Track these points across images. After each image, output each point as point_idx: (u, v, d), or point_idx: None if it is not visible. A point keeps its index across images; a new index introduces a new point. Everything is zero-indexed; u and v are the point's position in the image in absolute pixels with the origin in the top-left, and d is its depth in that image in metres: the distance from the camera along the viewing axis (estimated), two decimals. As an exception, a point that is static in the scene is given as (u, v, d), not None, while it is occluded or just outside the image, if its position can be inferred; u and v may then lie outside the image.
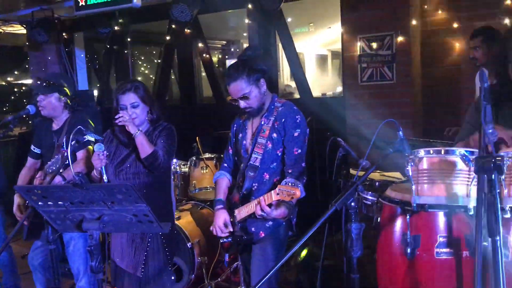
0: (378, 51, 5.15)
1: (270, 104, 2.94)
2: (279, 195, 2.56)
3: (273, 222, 2.89)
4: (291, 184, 2.56)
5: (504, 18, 4.69)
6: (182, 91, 7.46)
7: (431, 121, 5.32)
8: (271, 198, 2.62)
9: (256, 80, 2.82)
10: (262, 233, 2.91)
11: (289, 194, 2.53)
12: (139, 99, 3.05)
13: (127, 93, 3.04)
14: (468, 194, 1.92)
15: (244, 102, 2.86)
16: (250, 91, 2.82)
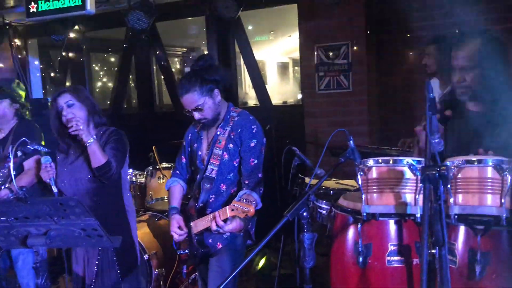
0: (335, 60, 5.22)
1: (226, 114, 2.90)
2: (234, 211, 2.55)
3: (230, 233, 2.85)
4: (245, 201, 2.55)
5: (457, 28, 4.84)
6: (140, 98, 7.34)
7: (387, 129, 5.42)
8: (225, 214, 2.60)
9: (209, 90, 2.77)
10: (219, 244, 2.88)
11: (243, 211, 2.52)
12: (74, 98, 2.92)
13: (63, 95, 2.92)
14: (415, 203, 1.95)
15: (198, 113, 2.80)
16: (204, 102, 2.77)
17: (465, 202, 1.87)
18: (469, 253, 1.98)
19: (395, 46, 5.31)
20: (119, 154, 2.95)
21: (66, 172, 2.98)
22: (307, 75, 5.49)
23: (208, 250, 2.90)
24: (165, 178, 4.57)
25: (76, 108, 2.91)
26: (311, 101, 5.48)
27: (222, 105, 2.90)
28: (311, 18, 5.29)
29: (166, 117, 6.97)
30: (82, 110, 2.93)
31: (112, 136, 2.99)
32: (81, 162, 2.95)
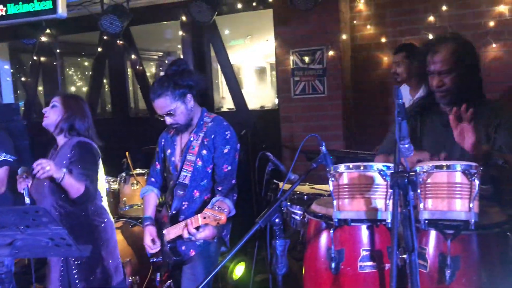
0: (310, 65, 5.24)
1: (199, 120, 2.87)
2: (206, 219, 2.53)
3: (204, 240, 2.83)
4: (217, 209, 2.54)
5: (428, 34, 4.91)
6: (114, 103, 7.25)
7: (362, 133, 5.46)
8: (197, 221, 2.58)
9: (181, 95, 2.75)
10: (192, 252, 2.85)
11: (215, 219, 2.51)
12: (60, 101, 3.04)
13: (55, 96, 3.09)
14: (386, 208, 1.95)
15: (170, 118, 2.78)
16: (176, 107, 2.75)
17: (435, 207, 1.88)
18: (439, 257, 1.99)
19: (369, 50, 5.36)
20: (90, 173, 2.90)
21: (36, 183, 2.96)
22: (282, 80, 5.50)
23: (181, 257, 2.87)
24: (139, 185, 4.51)
25: (54, 110, 3.01)
26: (287, 106, 5.48)
27: (195, 111, 2.87)
28: (287, 23, 5.30)
29: (141, 123, 6.90)
30: (59, 115, 3.01)
31: (76, 154, 2.91)
32: None
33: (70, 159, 2.90)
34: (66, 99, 3.08)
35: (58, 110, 3.02)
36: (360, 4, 5.28)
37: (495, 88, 4.59)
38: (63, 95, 3.12)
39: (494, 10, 4.72)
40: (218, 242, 2.91)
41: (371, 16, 5.30)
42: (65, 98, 3.09)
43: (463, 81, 2.37)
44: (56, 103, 3.04)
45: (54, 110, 3.02)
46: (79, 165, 2.87)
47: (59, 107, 3.03)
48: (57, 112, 3.02)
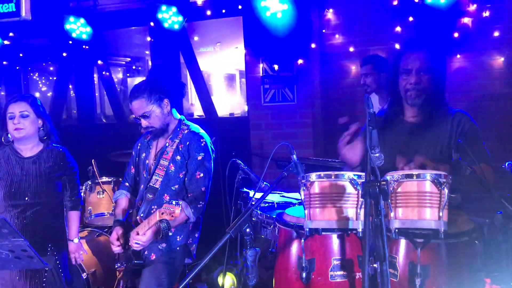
0: (280, 73, 5.25)
1: (176, 126, 2.92)
2: (163, 214, 2.51)
3: (167, 245, 2.82)
4: (174, 203, 2.52)
5: (395, 43, 4.99)
6: (79, 109, 7.08)
7: (331, 142, 5.48)
8: (155, 217, 2.56)
9: (158, 99, 2.81)
10: (153, 255, 2.83)
11: (170, 213, 2.50)
12: (31, 109, 2.94)
13: (19, 102, 2.94)
14: (357, 217, 1.95)
15: (146, 120, 2.84)
16: (151, 110, 2.80)
17: (405, 216, 1.89)
18: (409, 266, 2.00)
19: (338, 59, 5.41)
20: (78, 182, 3.19)
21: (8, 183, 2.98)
22: (252, 87, 5.49)
23: (142, 262, 2.86)
24: (105, 193, 4.40)
25: (29, 120, 2.94)
26: (256, 113, 5.47)
27: (173, 117, 2.92)
28: (257, 31, 5.29)
29: (108, 129, 6.76)
30: (35, 124, 2.98)
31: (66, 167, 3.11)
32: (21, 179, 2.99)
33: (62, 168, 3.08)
34: (35, 105, 3.00)
35: (31, 119, 2.95)
36: (329, 13, 5.32)
37: (458, 97, 4.71)
38: (29, 99, 3.00)
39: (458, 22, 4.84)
40: (182, 251, 2.88)
41: (339, 25, 5.35)
42: (33, 103, 2.99)
43: (436, 83, 2.39)
44: (26, 110, 2.94)
45: (27, 120, 2.94)
46: (74, 175, 3.14)
47: (31, 116, 2.95)
48: (31, 121, 2.95)
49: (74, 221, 3.17)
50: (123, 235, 2.87)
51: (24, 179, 2.98)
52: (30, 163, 3.01)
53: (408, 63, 2.39)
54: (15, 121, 2.88)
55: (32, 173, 2.99)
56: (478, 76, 4.90)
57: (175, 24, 5.10)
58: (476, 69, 4.89)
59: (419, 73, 2.37)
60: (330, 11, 5.31)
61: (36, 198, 2.98)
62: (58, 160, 3.06)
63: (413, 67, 2.38)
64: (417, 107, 2.43)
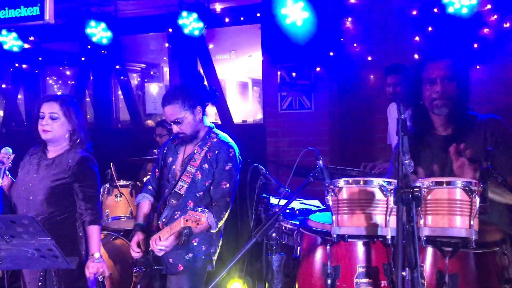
0: (297, 81, 5.26)
1: (206, 134, 2.90)
2: (188, 222, 2.50)
3: (193, 255, 2.82)
4: (200, 210, 2.50)
5: (413, 53, 4.99)
6: (97, 114, 7.14)
7: (347, 150, 5.48)
8: (179, 224, 2.55)
9: (191, 106, 2.80)
10: (180, 266, 2.82)
11: (195, 220, 2.48)
12: (62, 111, 2.79)
13: (51, 102, 2.81)
14: (386, 224, 1.93)
15: (177, 126, 2.82)
16: (184, 116, 2.79)
17: (435, 224, 1.87)
18: (437, 275, 1.98)
19: (356, 68, 5.41)
20: (95, 193, 2.89)
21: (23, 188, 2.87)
22: (269, 95, 5.50)
23: (162, 268, 2.85)
24: (122, 196, 4.42)
25: (58, 123, 2.80)
26: (273, 120, 5.48)
27: (203, 125, 2.91)
28: (275, 39, 5.31)
29: (124, 134, 6.81)
30: (64, 128, 2.82)
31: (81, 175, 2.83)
32: (37, 181, 2.84)
33: (74, 175, 2.82)
34: (67, 107, 2.82)
35: (60, 122, 2.80)
36: (348, 22, 5.33)
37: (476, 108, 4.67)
38: (60, 101, 2.83)
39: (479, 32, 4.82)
40: (205, 260, 2.88)
41: (358, 34, 5.35)
42: (64, 105, 2.81)
43: (460, 92, 2.37)
44: (56, 112, 2.79)
45: (56, 122, 2.79)
46: (89, 186, 2.84)
47: (61, 118, 2.80)
48: (60, 124, 2.80)
49: (94, 236, 2.84)
50: (144, 240, 2.86)
51: (39, 184, 2.84)
52: (48, 166, 2.86)
53: (433, 72, 2.37)
54: (43, 121, 2.78)
55: (47, 178, 2.84)
56: (497, 88, 4.88)
57: (195, 30, 5.14)
58: (495, 80, 4.87)
59: (444, 82, 2.35)
60: (349, 20, 5.32)
61: (48, 205, 2.81)
62: (77, 169, 2.82)
63: (438, 75, 2.36)
64: (444, 116, 2.40)
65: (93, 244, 2.82)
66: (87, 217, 2.82)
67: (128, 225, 4.47)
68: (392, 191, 1.91)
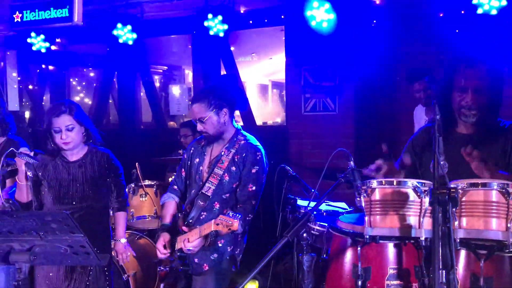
0: (322, 82, 5.24)
1: (233, 136, 2.91)
2: (219, 226, 2.51)
3: (218, 255, 2.82)
4: (231, 215, 2.51)
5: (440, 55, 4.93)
6: (121, 115, 7.22)
7: (369, 152, 5.44)
8: (210, 227, 2.56)
9: (217, 107, 2.81)
10: (206, 266, 2.83)
11: (227, 225, 2.49)
12: (74, 121, 2.95)
13: (62, 116, 2.93)
14: (420, 226, 1.91)
15: (201, 125, 2.85)
16: (208, 116, 2.81)
17: (470, 226, 1.85)
18: (471, 278, 1.95)
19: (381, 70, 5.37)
20: (124, 184, 3.19)
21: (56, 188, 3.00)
22: (292, 97, 5.49)
23: (188, 268, 2.87)
24: (147, 196, 4.46)
25: (74, 131, 2.97)
26: (296, 122, 5.48)
27: (229, 127, 2.91)
28: (299, 41, 5.32)
29: (148, 135, 6.87)
30: (79, 133, 3.00)
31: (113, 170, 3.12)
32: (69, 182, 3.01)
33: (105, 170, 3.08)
34: (76, 115, 2.98)
35: (76, 130, 2.97)
36: (373, 24, 5.30)
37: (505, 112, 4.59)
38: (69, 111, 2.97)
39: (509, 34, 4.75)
40: (230, 260, 2.89)
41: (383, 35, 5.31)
42: (74, 114, 2.97)
43: (492, 102, 2.32)
44: (71, 124, 2.94)
45: (73, 132, 2.96)
46: (117, 176, 3.12)
47: (76, 127, 2.96)
48: (76, 132, 2.97)
49: (121, 222, 3.17)
50: (170, 241, 2.88)
51: (71, 184, 3.01)
52: (76, 167, 3.04)
53: (464, 80, 2.29)
54: (62, 136, 2.90)
55: (78, 178, 3.03)
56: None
57: (220, 32, 5.17)
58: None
59: (476, 92, 2.28)
60: (374, 22, 5.29)
61: (82, 202, 3.01)
62: (102, 163, 3.08)
63: (470, 85, 2.28)
64: (470, 123, 2.36)
65: (120, 229, 3.15)
66: (115, 204, 3.13)
67: (153, 225, 4.50)
68: (426, 192, 1.89)
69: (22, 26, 4.64)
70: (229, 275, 2.91)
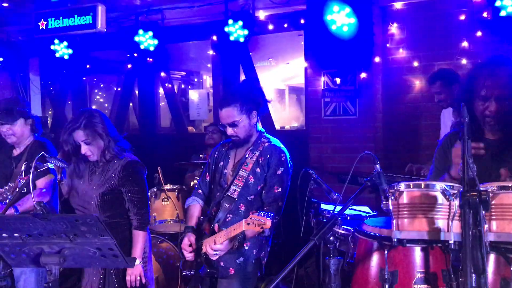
0: (342, 86, 5.23)
1: (257, 139, 2.92)
2: (249, 225, 2.50)
3: (244, 259, 2.82)
4: (263, 214, 2.51)
5: (461, 59, 4.90)
6: (141, 120, 7.30)
7: (390, 157, 5.41)
8: (240, 227, 2.57)
9: (248, 110, 2.82)
10: (231, 270, 2.83)
11: (259, 224, 2.48)
12: (88, 133, 2.88)
13: (76, 131, 2.88)
14: (449, 229, 1.90)
15: (232, 129, 2.84)
16: (241, 120, 2.81)
17: (501, 229, 1.83)
18: (502, 283, 1.93)
19: (401, 74, 5.35)
20: (143, 197, 2.98)
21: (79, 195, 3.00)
22: (312, 101, 5.49)
23: (214, 271, 2.86)
24: (169, 200, 4.50)
25: (92, 145, 2.91)
26: (316, 127, 5.47)
27: (256, 129, 2.92)
28: (318, 44, 5.32)
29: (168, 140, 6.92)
30: (99, 143, 2.92)
31: (127, 180, 2.94)
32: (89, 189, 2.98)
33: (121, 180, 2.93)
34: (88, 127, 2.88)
35: (94, 142, 2.90)
36: (393, 27, 5.29)
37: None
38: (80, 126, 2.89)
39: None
40: (255, 264, 2.89)
41: (404, 39, 5.30)
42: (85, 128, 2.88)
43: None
44: (86, 139, 2.88)
45: (92, 145, 2.90)
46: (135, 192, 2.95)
47: (92, 141, 2.89)
48: (94, 144, 2.91)
49: (137, 241, 2.92)
50: (195, 242, 2.89)
51: (92, 192, 2.96)
52: (97, 176, 2.98)
53: (486, 88, 2.22)
54: (82, 150, 2.90)
55: (98, 186, 2.96)
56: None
57: (241, 38, 5.21)
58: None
59: (499, 101, 2.21)
60: (394, 25, 5.28)
61: (101, 211, 2.93)
62: (122, 175, 2.92)
63: (492, 94, 2.21)
64: (496, 129, 2.31)
65: (135, 249, 2.92)
66: (134, 222, 2.95)
67: (175, 229, 4.55)
68: (455, 195, 1.88)
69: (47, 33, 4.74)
70: (255, 279, 2.91)
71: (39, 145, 3.46)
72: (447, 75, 4.14)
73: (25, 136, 3.50)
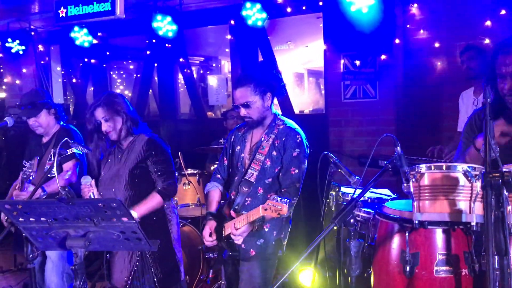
0: (362, 69, 5.18)
1: (272, 121, 2.93)
2: (267, 211, 2.53)
3: (264, 240, 2.85)
4: (280, 200, 2.52)
5: (484, 38, 4.79)
6: (161, 106, 7.36)
7: (411, 139, 5.35)
8: (258, 213, 2.59)
9: (262, 92, 2.83)
10: (252, 251, 2.87)
11: (276, 210, 2.50)
12: (107, 111, 3.01)
13: (97, 109, 3.03)
14: (471, 211, 1.89)
15: (245, 110, 2.86)
16: (253, 100, 2.82)
17: (524, 210, 1.81)
18: (525, 264, 1.91)
19: (422, 55, 5.26)
20: (169, 167, 3.08)
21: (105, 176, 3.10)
22: (332, 84, 5.45)
23: (237, 254, 2.90)
24: (190, 185, 4.55)
25: (112, 122, 3.03)
26: (335, 110, 5.43)
27: (270, 112, 2.93)
28: (338, 27, 5.26)
29: (188, 125, 6.97)
30: (118, 122, 3.04)
31: (151, 152, 3.04)
32: (118, 169, 3.07)
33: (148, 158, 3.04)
34: (108, 105, 3.01)
35: (113, 119, 3.02)
36: (413, 8, 5.19)
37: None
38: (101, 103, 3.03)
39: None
40: (276, 245, 2.91)
41: (424, 20, 5.20)
42: (106, 105, 3.01)
43: None
44: (105, 116, 3.00)
45: (110, 121, 3.02)
46: (157, 166, 3.03)
47: (111, 117, 3.02)
48: (113, 121, 3.02)
49: (149, 200, 2.96)
50: (215, 229, 2.92)
51: (121, 170, 3.07)
52: (125, 154, 3.10)
53: (504, 66, 2.22)
54: (102, 127, 3.02)
55: (126, 163, 3.07)
56: None
57: (259, 21, 5.18)
58: None
59: None
60: (414, 6, 5.17)
61: (129, 188, 3.03)
62: (146, 148, 3.04)
63: (508, 71, 2.20)
64: None
65: (141, 205, 2.95)
66: (159, 187, 3.03)
67: (196, 213, 4.60)
68: (477, 177, 1.86)
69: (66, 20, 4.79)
70: (276, 259, 2.94)
71: (64, 132, 3.60)
72: (479, 49, 4.10)
73: (51, 125, 3.65)
